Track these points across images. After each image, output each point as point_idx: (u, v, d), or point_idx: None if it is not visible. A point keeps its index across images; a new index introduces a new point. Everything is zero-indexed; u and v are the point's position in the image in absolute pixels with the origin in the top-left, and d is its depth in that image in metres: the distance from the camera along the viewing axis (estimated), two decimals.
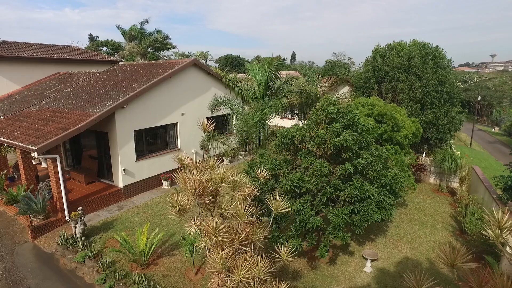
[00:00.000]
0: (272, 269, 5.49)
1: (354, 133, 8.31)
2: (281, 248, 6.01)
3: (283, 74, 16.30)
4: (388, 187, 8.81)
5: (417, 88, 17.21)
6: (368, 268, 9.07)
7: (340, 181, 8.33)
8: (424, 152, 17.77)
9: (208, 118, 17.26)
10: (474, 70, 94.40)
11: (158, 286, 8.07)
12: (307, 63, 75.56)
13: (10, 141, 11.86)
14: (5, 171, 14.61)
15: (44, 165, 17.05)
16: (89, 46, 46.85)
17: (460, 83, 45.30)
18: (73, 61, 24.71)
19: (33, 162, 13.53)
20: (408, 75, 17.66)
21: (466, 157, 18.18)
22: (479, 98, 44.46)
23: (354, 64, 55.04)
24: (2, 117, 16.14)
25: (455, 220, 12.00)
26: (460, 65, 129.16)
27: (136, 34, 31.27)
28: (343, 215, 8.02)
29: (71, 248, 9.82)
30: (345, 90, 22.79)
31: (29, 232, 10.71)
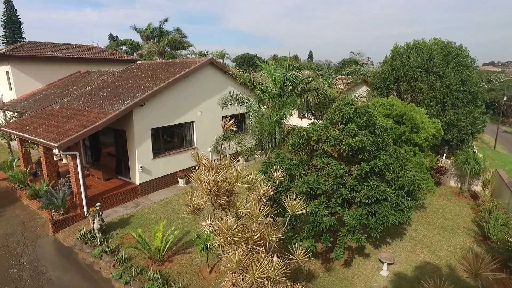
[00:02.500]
0: (287, 270, 5.44)
1: (370, 134, 8.14)
2: (295, 249, 5.94)
3: (299, 74, 16.15)
4: (406, 189, 8.58)
5: (437, 88, 16.71)
6: (384, 271, 8.87)
7: (356, 182, 8.18)
8: (445, 154, 17.24)
9: (224, 117, 17.33)
10: (500, 69, 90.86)
11: (172, 283, 8.14)
12: (324, 62, 74.75)
13: (33, 138, 12.26)
14: (29, 166, 15.13)
15: (64, 161, 17.54)
16: (109, 46, 47.90)
17: (484, 83, 43.66)
18: (93, 60, 25.32)
19: (54, 158, 13.93)
20: (429, 74, 17.16)
21: (489, 160, 17.53)
22: (505, 98, 42.76)
23: (373, 64, 54.09)
24: (26, 114, 16.71)
25: (477, 225, 11.58)
26: (484, 64, 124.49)
27: (150, 34, 31.77)
28: (358, 217, 7.87)
29: (89, 243, 10.06)
30: (362, 89, 22.39)
31: (50, 226, 11.04)
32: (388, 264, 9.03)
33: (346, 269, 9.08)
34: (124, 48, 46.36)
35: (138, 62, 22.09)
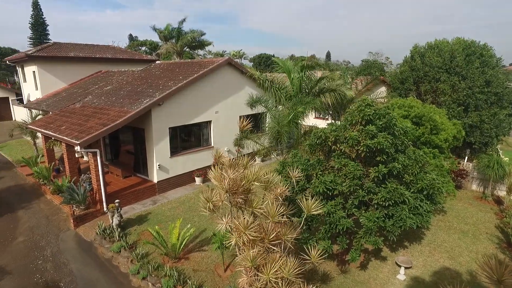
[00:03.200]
0: (301, 270, 5.43)
1: (390, 136, 8.01)
2: (311, 249, 5.92)
3: (318, 74, 16.04)
4: (425, 193, 8.40)
5: (460, 89, 16.23)
6: (401, 275, 8.71)
7: (374, 184, 8.08)
8: (466, 157, 16.72)
9: (241, 117, 17.41)
10: None
11: (188, 280, 8.26)
12: (342, 62, 73.92)
13: (57, 135, 12.69)
14: (52, 163, 15.69)
15: (85, 158, 18.07)
16: (129, 46, 48.95)
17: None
18: (113, 60, 25.95)
19: (76, 155, 14.39)
20: (450, 75, 16.68)
21: None
22: None
23: (392, 64, 53.06)
24: (50, 112, 17.31)
25: (501, 231, 11.18)
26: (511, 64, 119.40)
27: (169, 34, 32.27)
28: (375, 219, 7.77)
29: (108, 238, 10.33)
30: (381, 90, 22.01)
31: (72, 221, 11.41)
32: (406, 268, 8.86)
33: (362, 271, 8.97)
34: (143, 48, 47.29)
35: (157, 62, 22.49)
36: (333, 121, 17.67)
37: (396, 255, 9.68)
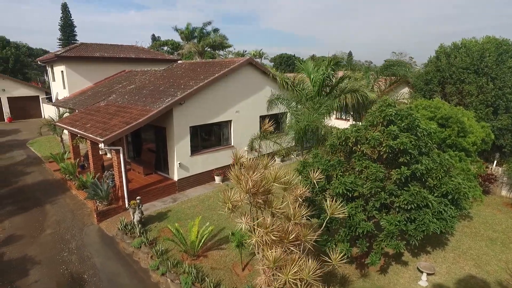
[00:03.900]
0: (321, 273, 5.37)
1: (413, 136, 7.79)
2: (331, 252, 5.85)
3: (340, 74, 15.81)
4: (449, 197, 8.11)
5: (489, 90, 15.56)
6: (423, 282, 8.44)
7: (395, 186, 7.88)
8: (495, 161, 16.02)
9: (261, 117, 17.40)
10: None
11: (206, 278, 8.33)
12: (364, 62, 72.51)
13: (83, 133, 13.13)
14: (77, 159, 16.25)
15: (108, 155, 18.60)
16: (151, 46, 50.05)
17: None
18: (137, 60, 26.60)
19: (100, 153, 14.83)
20: (478, 76, 16.03)
21: None
22: None
23: (416, 65, 51.58)
24: (77, 111, 17.93)
25: None
26: None
27: (189, 34, 32.78)
28: (397, 222, 7.57)
29: (129, 233, 10.59)
30: (404, 91, 21.44)
31: (95, 216, 11.77)
32: (428, 274, 8.58)
33: (382, 275, 8.77)
34: (165, 48, 48.21)
35: (179, 61, 22.86)
36: (354, 122, 17.38)
37: (418, 260, 9.39)
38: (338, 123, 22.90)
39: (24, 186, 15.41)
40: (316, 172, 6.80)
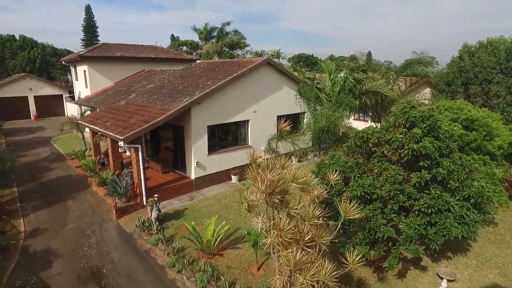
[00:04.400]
0: (337, 275, 5.29)
1: (436, 141, 7.58)
2: (348, 254, 5.76)
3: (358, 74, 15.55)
4: (472, 201, 7.83)
5: None
6: None
7: (415, 189, 7.68)
8: None
9: (279, 117, 17.31)
10: None
11: (221, 277, 8.37)
12: (384, 62, 71.09)
13: (103, 131, 13.46)
14: (98, 157, 16.68)
15: (127, 153, 18.99)
16: (171, 46, 50.79)
17: None
18: (156, 60, 27.06)
19: (119, 150, 15.16)
20: (506, 76, 15.43)
21: None
22: None
23: (438, 64, 50.18)
24: (98, 109, 18.42)
25: None
26: None
27: (207, 34, 33.09)
28: (416, 226, 7.37)
29: (146, 230, 10.77)
30: (425, 91, 20.88)
31: (114, 212, 12.04)
32: (448, 280, 8.29)
33: (400, 280, 8.56)
34: (184, 48, 48.85)
35: (197, 61, 23.09)
36: (373, 123, 17.07)
37: (438, 266, 9.11)
38: (356, 123, 22.55)
39: (48, 181, 15.96)
40: (334, 174, 6.71)
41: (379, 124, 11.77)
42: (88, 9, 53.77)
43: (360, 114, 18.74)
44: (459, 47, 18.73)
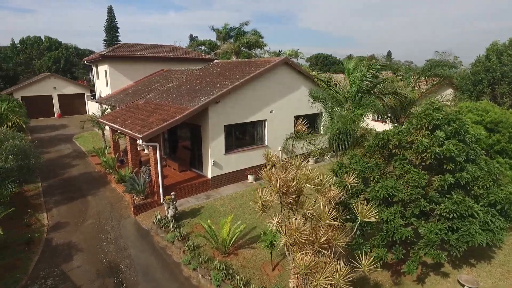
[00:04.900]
0: (352, 278, 5.19)
1: (461, 144, 7.32)
2: (362, 257, 5.65)
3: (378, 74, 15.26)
4: (498, 207, 7.52)
5: None
6: None
7: (437, 194, 7.44)
8: None
9: (296, 117, 17.20)
10: None
11: (236, 275, 8.39)
12: (404, 62, 69.52)
13: (122, 129, 13.75)
14: (117, 154, 17.06)
15: (146, 151, 19.34)
16: (189, 46, 51.43)
17: None
18: (174, 59, 27.43)
19: (138, 148, 15.46)
20: None
21: None
22: None
23: (462, 65, 48.61)
24: (118, 108, 18.84)
25: None
26: None
27: (226, 34, 33.28)
28: (437, 231, 7.15)
29: (163, 228, 10.93)
30: (447, 92, 20.25)
31: (132, 209, 12.29)
32: None
33: (419, 286, 8.32)
34: (202, 47, 49.35)
35: (215, 61, 23.26)
36: (392, 124, 16.71)
37: (459, 272, 8.80)
38: (375, 124, 22.12)
39: (70, 177, 16.47)
40: (351, 176, 6.59)
41: (400, 125, 11.51)
42: (110, 10, 55.20)
43: (380, 115, 18.33)
44: (483, 46, 18.05)
